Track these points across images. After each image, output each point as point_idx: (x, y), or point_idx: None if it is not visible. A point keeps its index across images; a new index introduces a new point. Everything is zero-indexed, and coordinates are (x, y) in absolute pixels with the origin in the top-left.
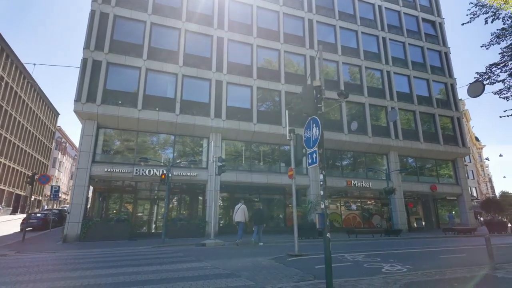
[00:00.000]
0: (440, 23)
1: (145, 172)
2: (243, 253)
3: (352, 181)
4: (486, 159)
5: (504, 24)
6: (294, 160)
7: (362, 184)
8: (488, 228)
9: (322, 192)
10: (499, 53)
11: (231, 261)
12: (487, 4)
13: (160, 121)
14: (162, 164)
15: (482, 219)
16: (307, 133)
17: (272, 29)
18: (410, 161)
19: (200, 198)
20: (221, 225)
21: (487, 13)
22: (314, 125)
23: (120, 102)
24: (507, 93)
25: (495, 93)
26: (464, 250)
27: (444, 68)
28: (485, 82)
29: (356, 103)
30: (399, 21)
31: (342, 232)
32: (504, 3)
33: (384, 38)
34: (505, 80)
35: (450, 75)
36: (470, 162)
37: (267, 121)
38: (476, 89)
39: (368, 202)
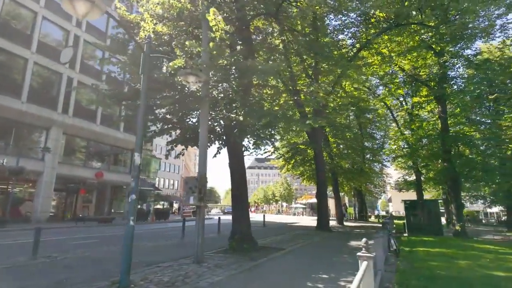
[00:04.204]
0: None
1: None
2: None
3: None
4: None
5: None
6: None
7: None
8: (156, 216)
9: None
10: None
11: None
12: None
13: None
14: None
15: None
16: None
17: None
18: (79, 142)
19: None
20: None
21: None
22: None
23: None
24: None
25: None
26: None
27: None
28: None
29: (10, 53)
30: None
31: None
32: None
33: None
34: None
35: None
36: (179, 158)
37: None
38: (67, 54)
39: (25, 185)
